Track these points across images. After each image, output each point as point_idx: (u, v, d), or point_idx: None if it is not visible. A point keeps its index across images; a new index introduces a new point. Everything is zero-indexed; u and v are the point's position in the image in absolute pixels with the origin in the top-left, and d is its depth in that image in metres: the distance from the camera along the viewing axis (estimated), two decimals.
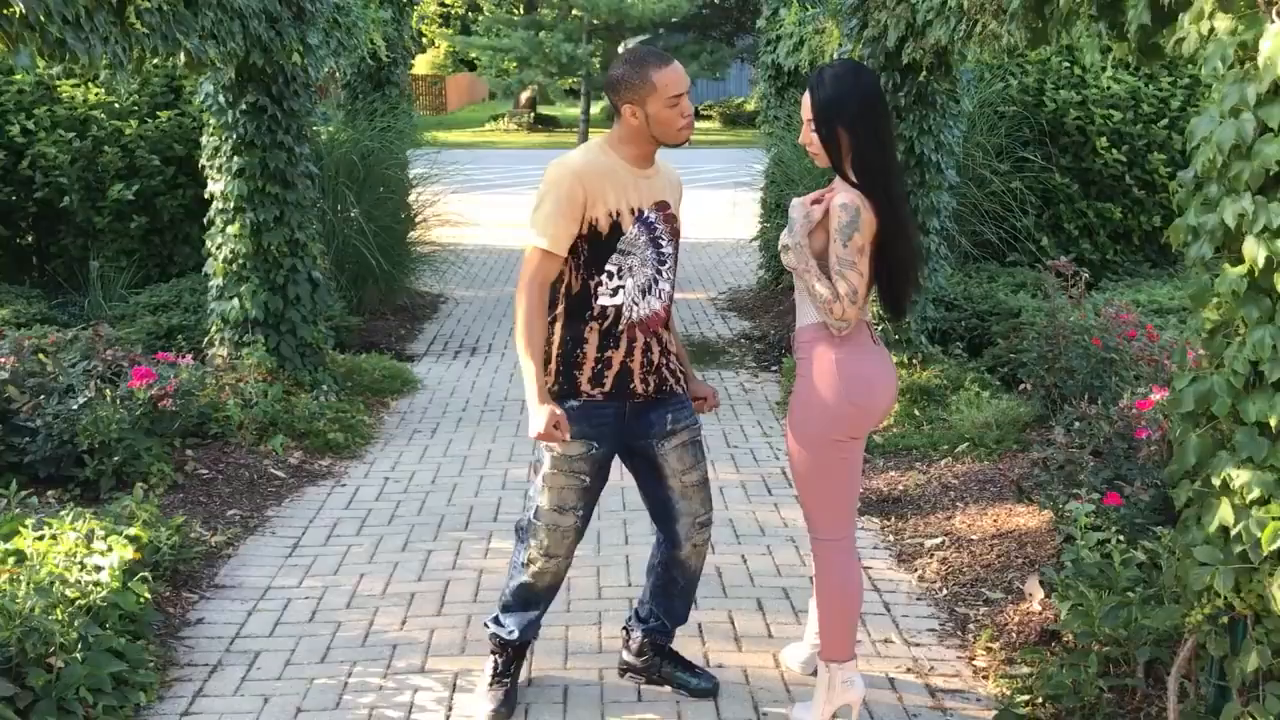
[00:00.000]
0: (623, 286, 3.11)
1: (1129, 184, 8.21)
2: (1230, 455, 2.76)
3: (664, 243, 3.17)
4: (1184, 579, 2.92)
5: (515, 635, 3.35)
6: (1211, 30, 2.75)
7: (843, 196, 3.02)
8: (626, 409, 3.18)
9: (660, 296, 3.18)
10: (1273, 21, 2.58)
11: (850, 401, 3.09)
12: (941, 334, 6.87)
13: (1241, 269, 2.66)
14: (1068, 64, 8.25)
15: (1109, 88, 8.08)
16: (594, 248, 3.08)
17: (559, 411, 3.02)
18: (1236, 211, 2.64)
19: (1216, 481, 2.80)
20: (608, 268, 3.10)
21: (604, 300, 3.11)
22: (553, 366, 3.15)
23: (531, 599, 3.32)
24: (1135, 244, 8.50)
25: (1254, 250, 2.61)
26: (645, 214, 3.12)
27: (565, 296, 3.14)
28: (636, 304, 3.13)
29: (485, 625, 3.45)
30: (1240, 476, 2.72)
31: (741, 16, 34.20)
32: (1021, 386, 5.77)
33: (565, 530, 3.20)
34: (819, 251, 3.09)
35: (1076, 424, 4.89)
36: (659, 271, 3.16)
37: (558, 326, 3.16)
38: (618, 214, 3.07)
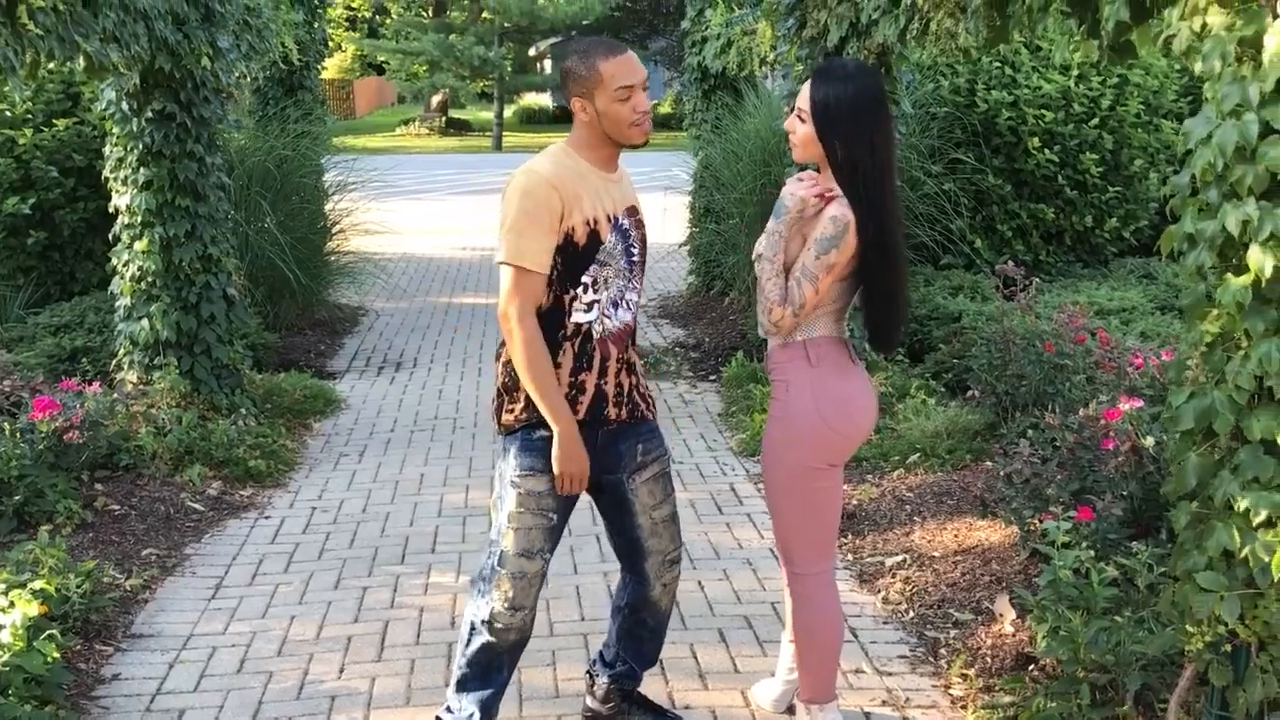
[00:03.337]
0: (598, 300, 2.85)
1: (1061, 184, 8.16)
2: (1233, 475, 2.62)
3: (635, 251, 2.93)
4: (1183, 605, 2.77)
5: (477, 719, 3.01)
6: (1204, 26, 2.60)
7: (837, 209, 2.80)
8: (599, 437, 2.91)
9: (629, 307, 2.93)
10: (1276, 16, 2.43)
11: (830, 426, 2.88)
12: None
13: (1245, 279, 2.51)
14: (999, 64, 8.18)
15: (1040, 87, 8.02)
16: (570, 260, 2.80)
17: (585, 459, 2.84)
18: (1239, 218, 2.49)
19: (1218, 503, 2.66)
20: (584, 280, 2.83)
21: (578, 317, 2.83)
22: (521, 393, 2.86)
23: (494, 665, 2.97)
24: (1067, 244, 8.46)
25: (1260, 259, 2.46)
26: (620, 221, 2.87)
27: (536, 315, 2.85)
28: (608, 317, 2.87)
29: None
30: (1245, 498, 2.58)
31: (654, 19, 34.09)
32: (969, 394, 5.63)
33: (532, 577, 2.90)
34: (794, 250, 2.87)
35: (1030, 432, 4.76)
36: (628, 281, 2.92)
37: None
38: (595, 222, 2.80)
